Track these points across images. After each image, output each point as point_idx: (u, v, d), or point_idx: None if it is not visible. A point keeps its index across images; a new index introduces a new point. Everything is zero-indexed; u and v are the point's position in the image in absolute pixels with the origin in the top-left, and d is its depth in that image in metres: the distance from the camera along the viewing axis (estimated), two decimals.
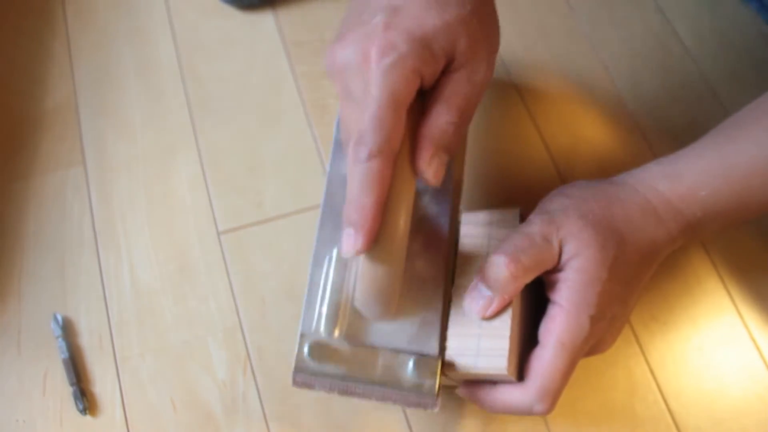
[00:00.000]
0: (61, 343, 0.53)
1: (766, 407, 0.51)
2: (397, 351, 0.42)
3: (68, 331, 0.54)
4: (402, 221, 0.39)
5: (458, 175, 0.48)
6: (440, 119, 0.39)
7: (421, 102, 0.40)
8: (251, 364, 0.53)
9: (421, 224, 0.44)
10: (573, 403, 0.51)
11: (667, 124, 0.61)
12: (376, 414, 0.51)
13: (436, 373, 0.41)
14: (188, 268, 0.57)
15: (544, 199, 0.45)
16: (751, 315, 0.54)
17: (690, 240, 0.45)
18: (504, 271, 0.41)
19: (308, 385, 0.42)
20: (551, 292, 0.42)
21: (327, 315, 0.42)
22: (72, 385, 0.52)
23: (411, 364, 0.41)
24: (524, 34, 0.66)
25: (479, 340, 0.42)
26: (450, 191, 0.45)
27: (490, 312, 0.42)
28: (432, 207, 0.45)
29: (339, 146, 0.46)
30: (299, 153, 0.61)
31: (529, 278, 0.42)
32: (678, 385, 0.52)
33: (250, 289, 0.56)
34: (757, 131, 0.43)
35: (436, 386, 0.41)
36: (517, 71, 0.64)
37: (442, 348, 0.42)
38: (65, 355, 0.53)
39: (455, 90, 0.40)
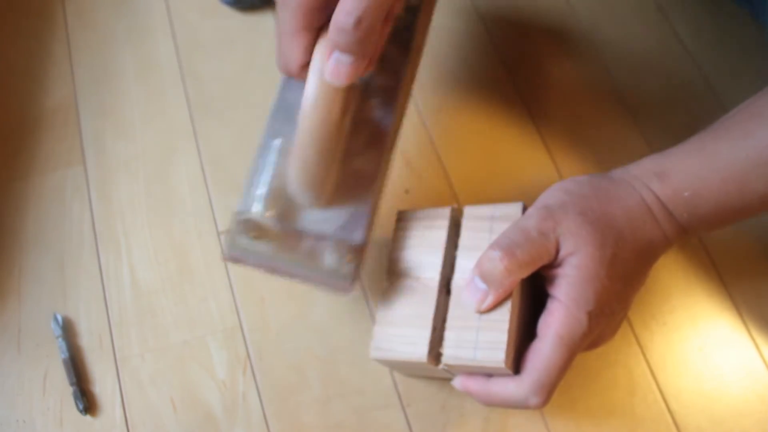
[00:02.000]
0: (61, 343, 0.53)
1: (766, 407, 0.51)
2: (323, 236, 0.44)
3: (68, 330, 0.54)
4: (332, 124, 0.41)
5: (407, 82, 0.49)
6: (336, 16, 0.37)
7: None
8: (251, 364, 0.53)
9: (364, 124, 0.46)
10: (573, 403, 0.51)
11: (667, 124, 0.61)
12: (376, 414, 0.51)
13: (355, 259, 0.44)
14: (188, 268, 0.57)
15: (543, 194, 0.45)
16: (751, 315, 0.54)
17: (684, 242, 0.46)
18: (499, 266, 0.41)
19: (239, 260, 0.45)
20: (551, 288, 0.43)
21: (263, 196, 0.45)
22: (72, 385, 0.52)
23: (332, 248, 0.44)
24: (524, 33, 0.66)
25: (478, 332, 0.42)
26: (396, 96, 0.47)
27: (485, 306, 0.42)
28: (378, 109, 0.47)
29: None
30: None
31: (524, 273, 0.42)
32: (678, 385, 0.52)
33: (250, 289, 0.56)
34: (737, 134, 0.43)
35: (353, 271, 0.44)
36: (517, 71, 0.64)
37: (367, 240, 0.45)
38: (65, 354, 0.53)
39: None
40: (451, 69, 0.64)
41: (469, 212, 0.47)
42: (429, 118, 0.62)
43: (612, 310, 0.42)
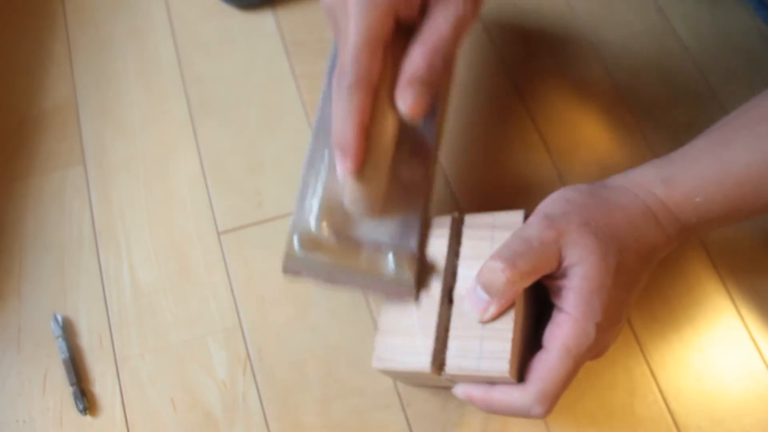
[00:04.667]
0: (61, 343, 0.53)
1: (766, 407, 0.51)
2: (380, 245, 0.45)
3: (68, 330, 0.54)
4: (384, 144, 0.44)
5: (444, 98, 0.51)
6: (415, 55, 0.42)
7: (406, 40, 0.44)
8: (251, 364, 0.53)
9: (408, 134, 0.47)
10: (573, 404, 0.51)
11: (667, 124, 0.61)
12: (376, 414, 0.51)
13: (413, 266, 0.45)
14: (188, 268, 0.57)
15: (543, 202, 0.45)
16: (751, 315, 0.54)
17: (685, 242, 0.46)
18: (501, 277, 0.41)
19: (297, 273, 0.46)
20: (557, 299, 0.42)
21: (317, 209, 0.46)
22: (72, 385, 0.52)
23: (391, 257, 0.45)
24: (525, 34, 0.66)
25: (482, 342, 0.42)
26: (437, 107, 0.49)
27: (488, 316, 0.42)
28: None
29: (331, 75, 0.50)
30: (299, 153, 0.60)
31: (526, 283, 0.42)
32: (678, 385, 0.52)
33: (250, 289, 0.56)
34: (750, 138, 0.43)
35: (413, 277, 0.44)
36: (517, 71, 0.64)
37: (421, 246, 0.46)
38: (65, 355, 0.53)
39: (430, 27, 0.43)
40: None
41: (470, 221, 0.47)
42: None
43: (618, 318, 0.43)
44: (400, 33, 0.43)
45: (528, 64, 0.64)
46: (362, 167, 0.43)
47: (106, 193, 0.60)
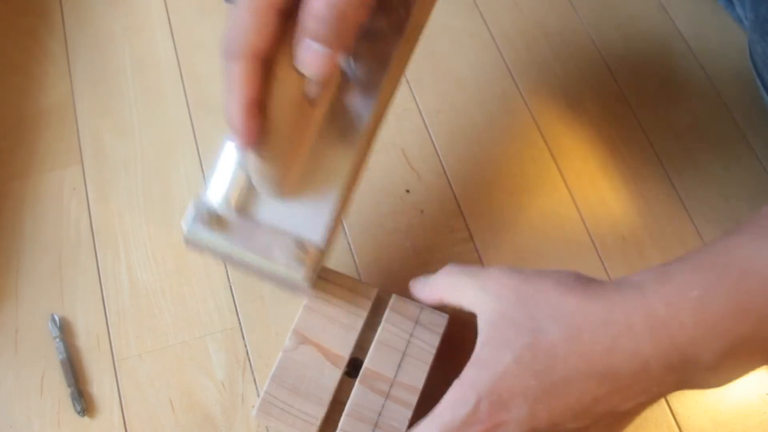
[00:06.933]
0: (58, 344, 0.53)
1: None
2: (279, 231, 0.42)
3: (66, 331, 0.54)
4: (288, 119, 0.39)
5: (395, 71, 0.45)
6: (312, 5, 0.35)
7: None
8: (251, 365, 0.53)
9: (339, 114, 0.43)
10: None
11: (670, 124, 0.61)
12: None
13: (313, 263, 0.42)
14: (187, 268, 0.56)
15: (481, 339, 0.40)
16: None
17: (680, 380, 0.38)
18: None
19: (198, 248, 0.44)
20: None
21: (224, 184, 0.43)
22: (70, 386, 0.52)
23: (288, 246, 0.41)
24: (526, 32, 0.66)
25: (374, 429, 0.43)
26: (379, 88, 0.43)
27: None
28: (357, 100, 0.44)
29: None
30: None
31: None
32: None
33: (250, 289, 0.55)
34: (755, 228, 0.37)
35: (311, 276, 0.42)
36: (518, 70, 0.64)
37: (329, 242, 0.43)
38: (63, 356, 0.52)
39: None
40: (451, 68, 0.64)
41: (396, 305, 0.46)
42: (429, 117, 0.62)
43: (534, 413, 0.38)
44: None
45: (529, 64, 0.64)
46: (261, 144, 0.38)
47: (104, 193, 0.59)
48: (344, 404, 0.44)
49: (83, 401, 0.51)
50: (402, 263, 0.55)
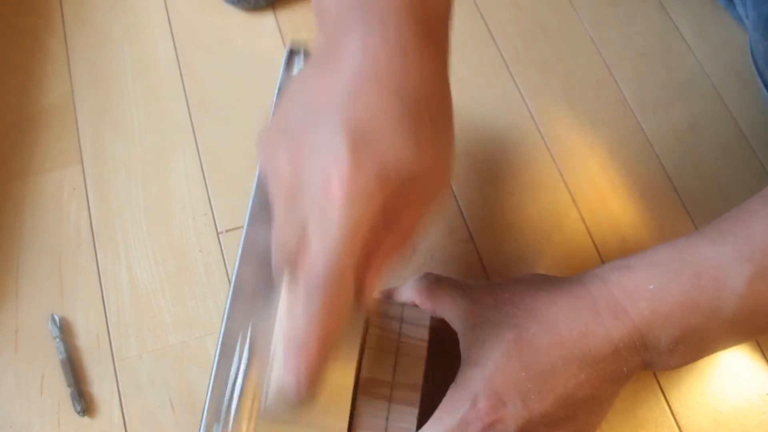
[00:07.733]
0: (58, 344, 0.53)
1: None
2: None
3: (66, 331, 0.54)
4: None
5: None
6: (387, 245, 0.36)
7: None
8: None
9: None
10: None
11: (670, 123, 0.61)
12: None
13: None
14: (187, 269, 0.56)
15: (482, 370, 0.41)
16: None
17: (644, 362, 0.41)
18: None
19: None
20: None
21: (235, 405, 0.42)
22: (70, 386, 0.52)
23: None
24: (526, 32, 0.66)
25: None
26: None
27: None
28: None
29: (258, 212, 0.45)
30: None
31: None
32: (680, 386, 0.51)
33: None
34: (712, 232, 0.41)
35: None
36: (518, 70, 0.64)
37: None
38: (63, 355, 0.52)
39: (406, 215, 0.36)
40: (451, 68, 0.64)
41: (378, 308, 0.46)
42: None
43: (526, 403, 0.40)
44: None
45: (530, 63, 0.64)
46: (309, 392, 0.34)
47: (104, 193, 0.59)
48: (351, 416, 0.43)
49: (83, 401, 0.51)
50: (402, 263, 0.55)
